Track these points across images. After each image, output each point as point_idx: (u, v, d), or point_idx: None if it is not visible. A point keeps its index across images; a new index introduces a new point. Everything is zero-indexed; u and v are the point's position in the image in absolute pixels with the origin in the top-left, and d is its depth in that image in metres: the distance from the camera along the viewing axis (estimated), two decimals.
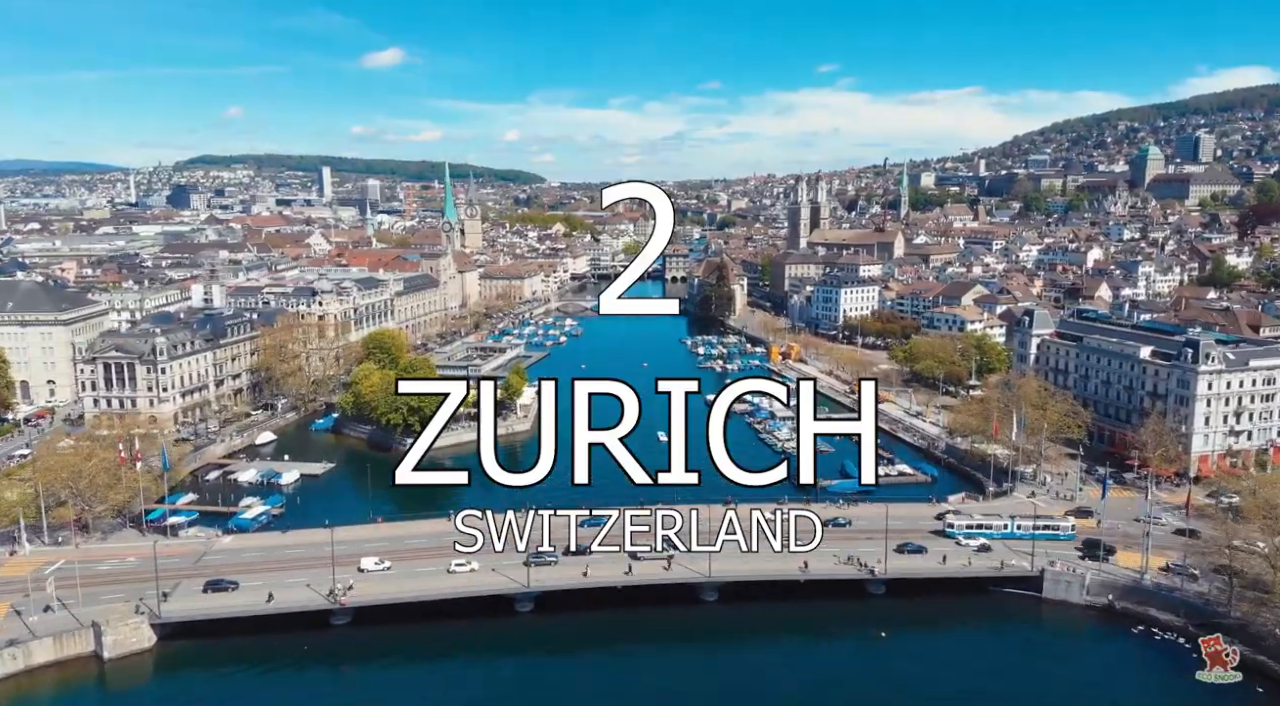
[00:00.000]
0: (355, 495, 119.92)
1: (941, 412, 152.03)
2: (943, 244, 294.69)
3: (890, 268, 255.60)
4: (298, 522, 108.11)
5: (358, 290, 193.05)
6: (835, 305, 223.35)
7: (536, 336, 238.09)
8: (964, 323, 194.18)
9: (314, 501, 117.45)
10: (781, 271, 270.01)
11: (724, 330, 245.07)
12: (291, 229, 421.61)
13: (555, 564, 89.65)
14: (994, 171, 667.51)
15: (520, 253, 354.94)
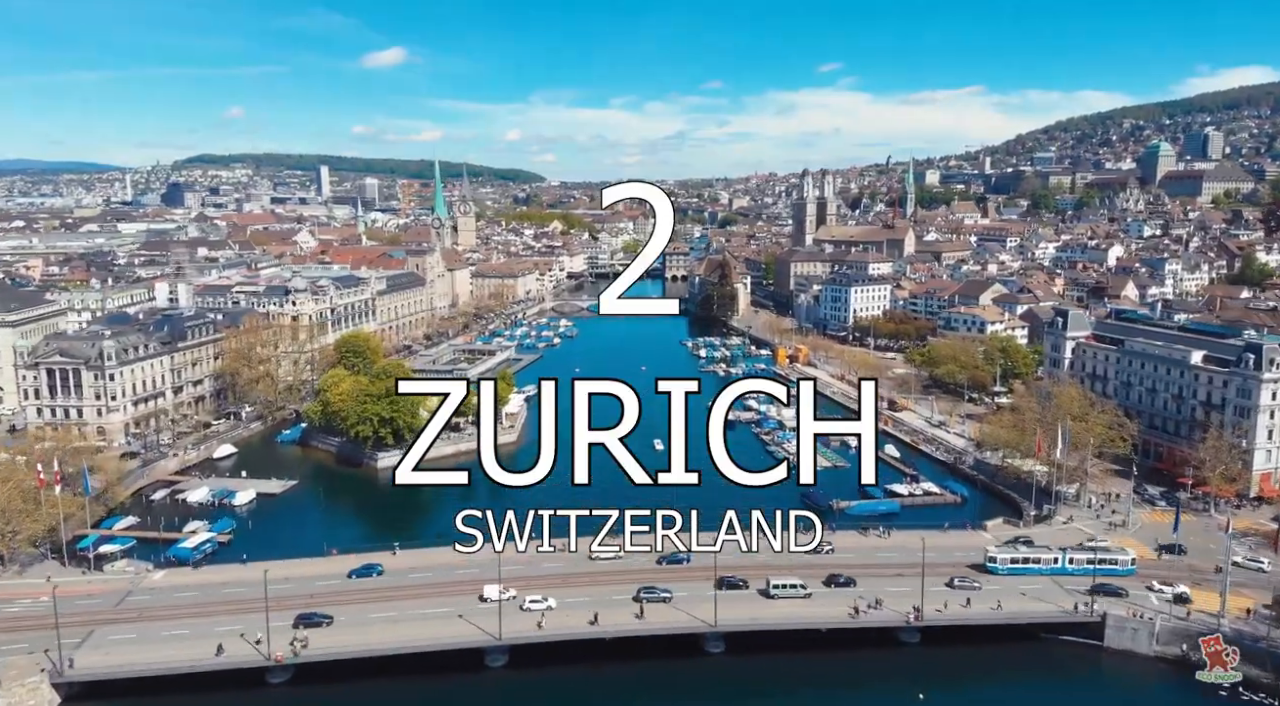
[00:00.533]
0: (316, 519, 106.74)
1: (966, 423, 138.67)
2: (954, 241, 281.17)
3: (901, 265, 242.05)
4: (249, 551, 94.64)
5: (335, 289, 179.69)
6: (845, 305, 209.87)
7: (529, 338, 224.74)
8: (984, 324, 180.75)
9: (269, 526, 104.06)
10: (787, 269, 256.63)
11: (727, 331, 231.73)
12: (282, 226, 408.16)
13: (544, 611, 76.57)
14: (999, 169, 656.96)
15: (515, 251, 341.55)
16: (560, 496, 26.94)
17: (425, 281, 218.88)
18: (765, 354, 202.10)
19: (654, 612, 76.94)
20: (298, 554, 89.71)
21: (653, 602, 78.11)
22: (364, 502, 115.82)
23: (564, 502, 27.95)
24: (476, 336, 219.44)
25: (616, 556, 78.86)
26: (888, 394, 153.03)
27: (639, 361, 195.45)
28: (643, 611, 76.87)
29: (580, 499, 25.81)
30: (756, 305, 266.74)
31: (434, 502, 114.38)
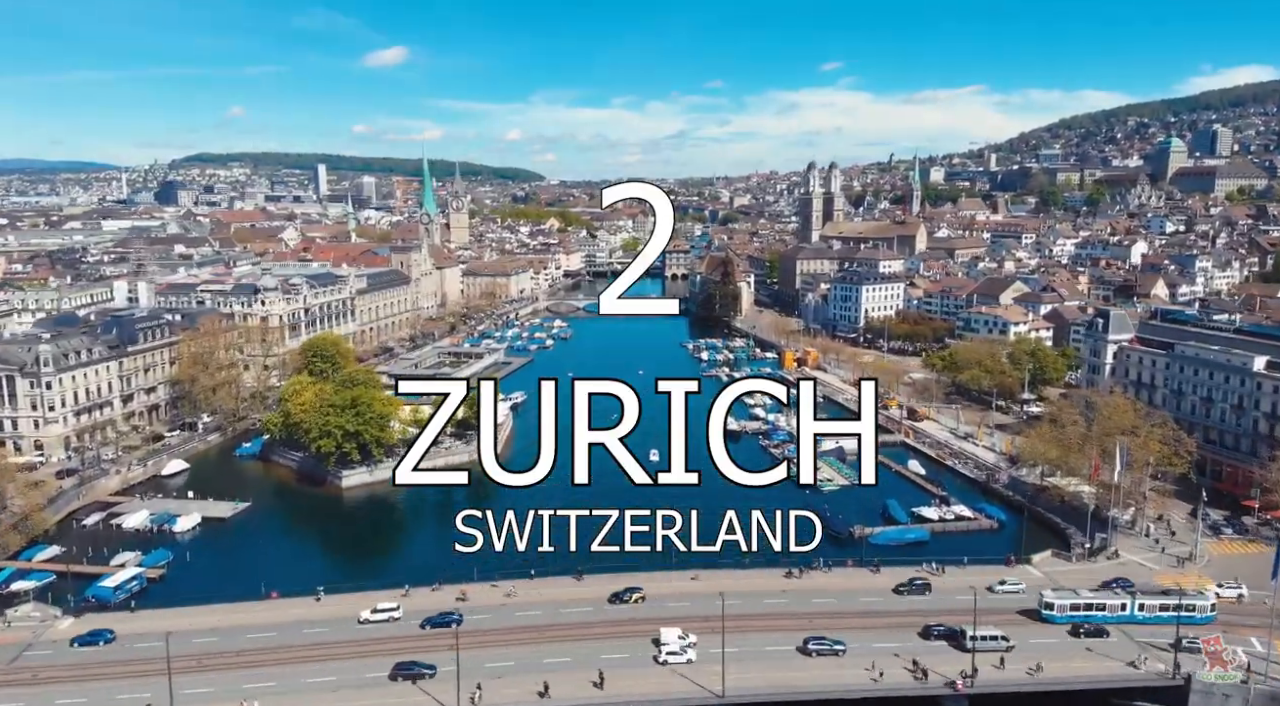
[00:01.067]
0: (265, 550, 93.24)
1: (996, 435, 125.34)
2: (967, 238, 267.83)
3: (914, 263, 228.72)
4: (182, 590, 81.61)
5: (309, 288, 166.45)
6: (855, 304, 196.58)
7: (520, 340, 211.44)
8: (1007, 325, 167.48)
9: (210, 558, 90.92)
10: (792, 267, 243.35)
11: (729, 332, 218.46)
12: (270, 224, 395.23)
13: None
14: (1004, 166, 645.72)
15: (509, 248, 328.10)
16: (557, 498, 25.46)
17: (410, 280, 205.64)
18: (771, 357, 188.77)
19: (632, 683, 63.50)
20: (235, 594, 76.62)
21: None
22: (323, 530, 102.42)
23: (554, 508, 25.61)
24: (464, 338, 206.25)
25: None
26: (907, 402, 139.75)
27: (636, 364, 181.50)
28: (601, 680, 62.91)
29: (580, 499, 24.32)
30: (760, 305, 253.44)
31: (398, 531, 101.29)
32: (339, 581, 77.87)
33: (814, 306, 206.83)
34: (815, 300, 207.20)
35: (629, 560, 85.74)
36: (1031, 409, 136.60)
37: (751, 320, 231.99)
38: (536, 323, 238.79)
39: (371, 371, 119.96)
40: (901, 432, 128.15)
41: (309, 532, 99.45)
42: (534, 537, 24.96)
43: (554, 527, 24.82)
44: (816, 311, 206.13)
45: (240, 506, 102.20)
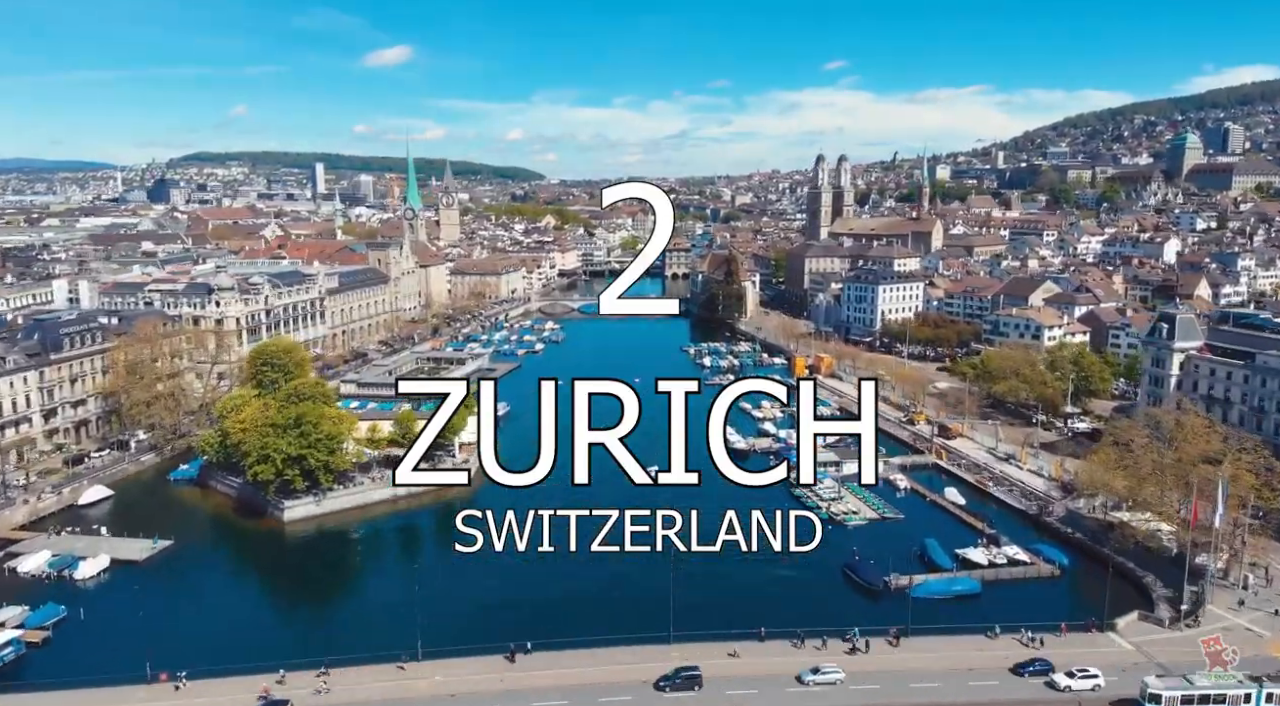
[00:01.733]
0: (175, 606, 76.87)
1: (1042, 456, 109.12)
2: (985, 235, 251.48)
3: (932, 261, 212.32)
4: (67, 660, 65.74)
5: (271, 287, 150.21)
6: (871, 306, 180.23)
7: (508, 343, 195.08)
8: (1039, 328, 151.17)
9: (112, 615, 74.64)
10: (800, 266, 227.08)
11: (733, 336, 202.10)
12: (256, 221, 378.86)
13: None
14: (1011, 164, 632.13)
15: (502, 246, 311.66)
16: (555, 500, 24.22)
17: (388, 279, 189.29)
18: (779, 363, 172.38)
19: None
20: (117, 672, 60.63)
21: None
22: (250, 578, 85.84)
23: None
24: (447, 342, 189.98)
25: None
26: (936, 417, 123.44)
27: (633, 371, 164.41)
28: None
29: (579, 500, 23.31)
30: (766, 306, 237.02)
31: (343, 579, 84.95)
32: (237, 659, 61.58)
33: (825, 308, 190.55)
34: (826, 301, 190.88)
35: (619, 629, 70.40)
36: (1078, 425, 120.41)
37: (757, 322, 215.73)
38: (527, 325, 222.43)
39: (322, 383, 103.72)
40: (933, 453, 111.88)
41: (232, 582, 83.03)
42: (534, 537, 23.80)
43: (554, 528, 23.71)
44: (828, 313, 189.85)
45: (159, 546, 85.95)
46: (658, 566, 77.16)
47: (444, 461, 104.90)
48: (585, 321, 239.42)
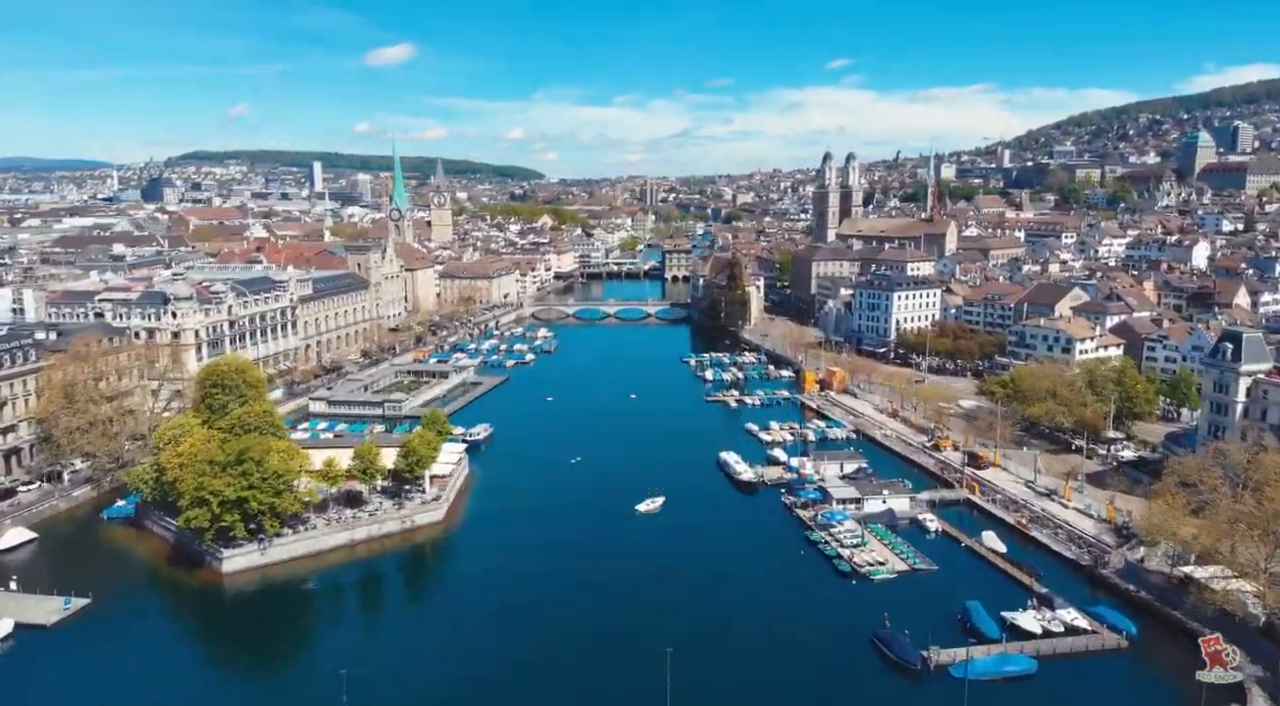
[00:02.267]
0: (93, 682, 64.26)
1: (1085, 489, 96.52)
2: (1000, 236, 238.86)
3: (948, 265, 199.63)
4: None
5: (236, 296, 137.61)
6: (885, 314, 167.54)
7: (497, 353, 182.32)
8: (1070, 341, 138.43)
9: (7, 695, 62.21)
10: (807, 270, 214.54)
11: (737, 345, 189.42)
12: (242, 221, 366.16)
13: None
14: (1018, 163, 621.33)
15: (496, 247, 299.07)
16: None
17: (368, 284, 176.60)
18: (786, 376, 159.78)
19: None
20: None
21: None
22: (186, 647, 72.85)
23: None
24: (432, 352, 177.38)
25: None
26: (965, 443, 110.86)
27: (628, 386, 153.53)
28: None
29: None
30: (771, 312, 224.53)
31: (281, 648, 72.22)
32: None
33: (835, 316, 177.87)
34: (837, 309, 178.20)
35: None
36: (1123, 453, 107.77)
37: (761, 329, 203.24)
38: (519, 332, 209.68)
39: (270, 412, 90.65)
40: (963, 486, 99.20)
41: (154, 652, 70.06)
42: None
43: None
44: (838, 322, 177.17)
45: (73, 606, 73.39)
46: (652, 633, 64.99)
47: (412, 497, 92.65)
48: (581, 328, 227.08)
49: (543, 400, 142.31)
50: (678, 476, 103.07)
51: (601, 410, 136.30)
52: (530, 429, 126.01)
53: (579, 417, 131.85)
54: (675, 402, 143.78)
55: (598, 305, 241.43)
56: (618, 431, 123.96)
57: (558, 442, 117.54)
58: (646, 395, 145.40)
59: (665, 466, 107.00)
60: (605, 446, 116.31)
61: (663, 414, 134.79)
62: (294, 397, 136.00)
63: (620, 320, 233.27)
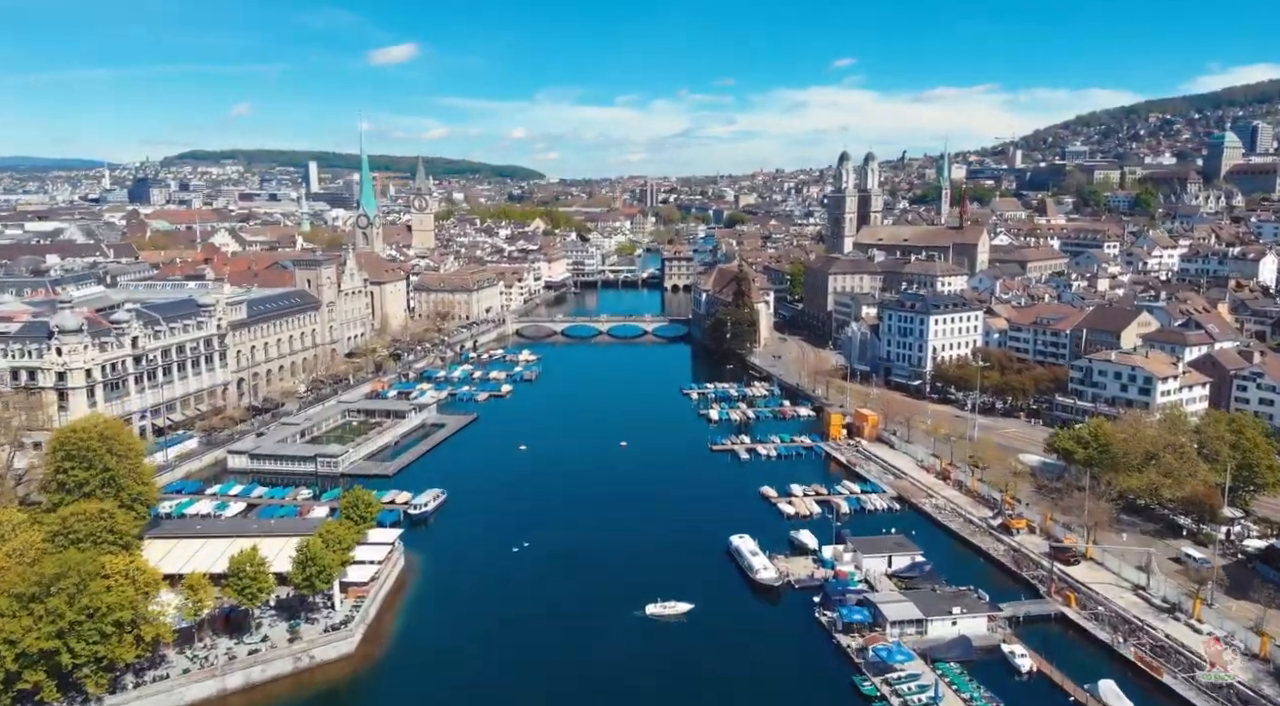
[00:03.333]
0: None
1: (1217, 601, 71.75)
2: (1037, 247, 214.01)
3: (984, 281, 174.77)
4: None
5: (145, 325, 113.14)
6: (919, 341, 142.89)
7: (469, 383, 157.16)
8: (1149, 380, 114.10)
9: None
10: (822, 283, 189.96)
11: (745, 372, 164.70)
12: (217, 224, 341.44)
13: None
14: (1028, 164, 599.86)
15: (482, 254, 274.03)
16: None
17: (319, 304, 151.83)
18: (805, 415, 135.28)
19: None
20: None
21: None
22: None
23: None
24: (393, 382, 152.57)
25: None
26: (1043, 523, 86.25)
27: (617, 429, 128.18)
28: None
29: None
30: (782, 329, 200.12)
31: None
32: None
33: (859, 341, 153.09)
34: (861, 333, 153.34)
35: None
36: (1249, 541, 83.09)
37: (773, 350, 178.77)
38: (498, 355, 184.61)
39: (109, 513, 65.59)
40: (1053, 593, 74.37)
41: None
42: None
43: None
44: (863, 347, 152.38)
45: None
46: None
47: (315, 619, 68.10)
48: (571, 348, 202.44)
49: (514, 449, 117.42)
50: (676, 573, 78.77)
51: (583, 465, 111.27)
52: (493, 494, 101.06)
53: (554, 475, 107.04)
54: (673, 452, 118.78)
55: (589, 322, 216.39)
56: (601, 498, 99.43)
57: (525, 514, 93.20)
58: (639, 441, 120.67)
59: (660, 554, 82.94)
60: (583, 520, 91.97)
61: (658, 471, 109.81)
62: (212, 448, 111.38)
63: (614, 338, 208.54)
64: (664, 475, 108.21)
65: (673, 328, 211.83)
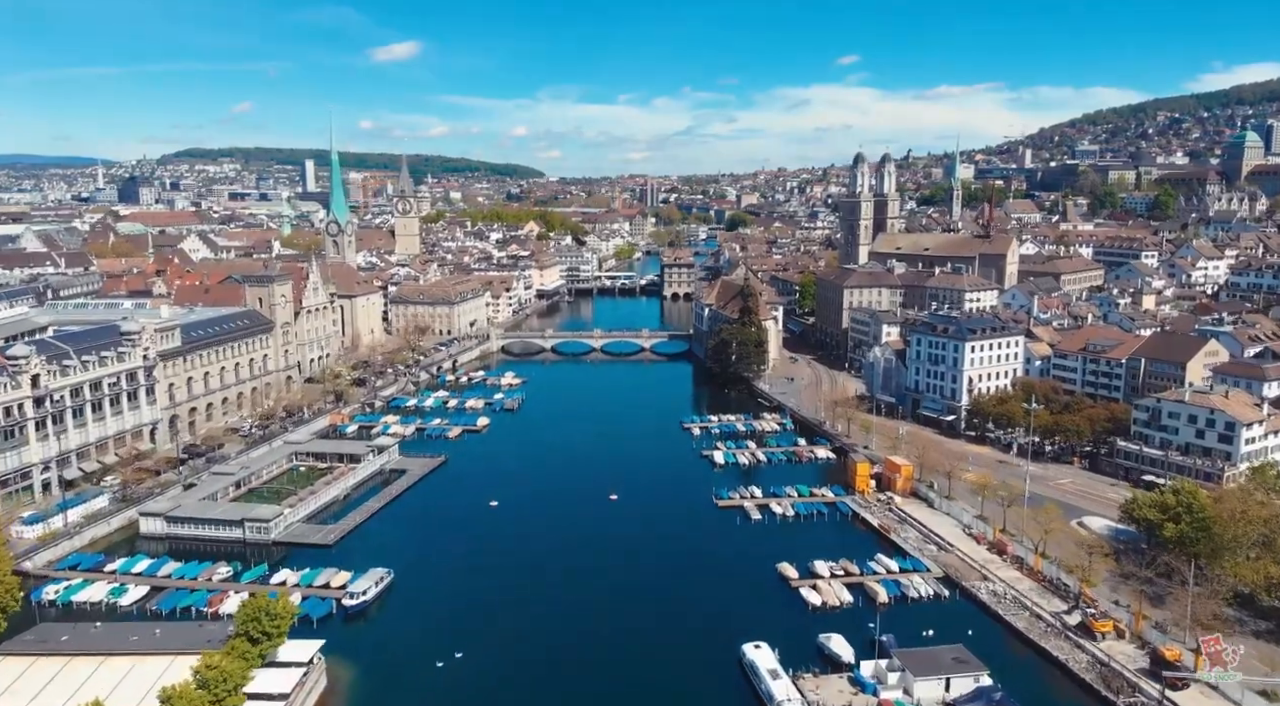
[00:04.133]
0: None
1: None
2: (1070, 257, 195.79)
3: (1018, 298, 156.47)
4: None
5: (50, 360, 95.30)
6: (953, 370, 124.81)
7: (441, 415, 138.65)
8: (1232, 425, 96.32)
9: None
10: (837, 298, 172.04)
11: (753, 400, 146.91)
12: (194, 227, 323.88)
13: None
14: (1038, 163, 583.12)
15: (469, 261, 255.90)
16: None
17: (272, 324, 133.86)
18: (824, 457, 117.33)
19: None
20: None
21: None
22: None
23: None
24: (355, 413, 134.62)
25: None
26: (1134, 625, 68.36)
27: (608, 475, 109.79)
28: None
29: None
30: (791, 347, 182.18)
31: None
32: None
33: (883, 368, 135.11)
34: (885, 359, 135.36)
35: None
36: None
37: (783, 371, 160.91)
38: (479, 377, 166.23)
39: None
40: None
41: None
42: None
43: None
44: (887, 376, 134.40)
45: None
46: None
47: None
48: (560, 366, 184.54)
49: (485, 505, 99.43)
50: (674, 700, 61.08)
51: (564, 528, 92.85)
52: (453, 572, 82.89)
53: (529, 543, 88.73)
54: (672, 509, 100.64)
55: (582, 337, 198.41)
56: (582, 577, 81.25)
57: (489, 602, 75.47)
58: (632, 493, 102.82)
59: (652, 669, 65.19)
60: (556, 614, 74.01)
61: (654, 537, 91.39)
62: (127, 507, 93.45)
63: (609, 356, 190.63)
64: (661, 543, 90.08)
65: (672, 344, 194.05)
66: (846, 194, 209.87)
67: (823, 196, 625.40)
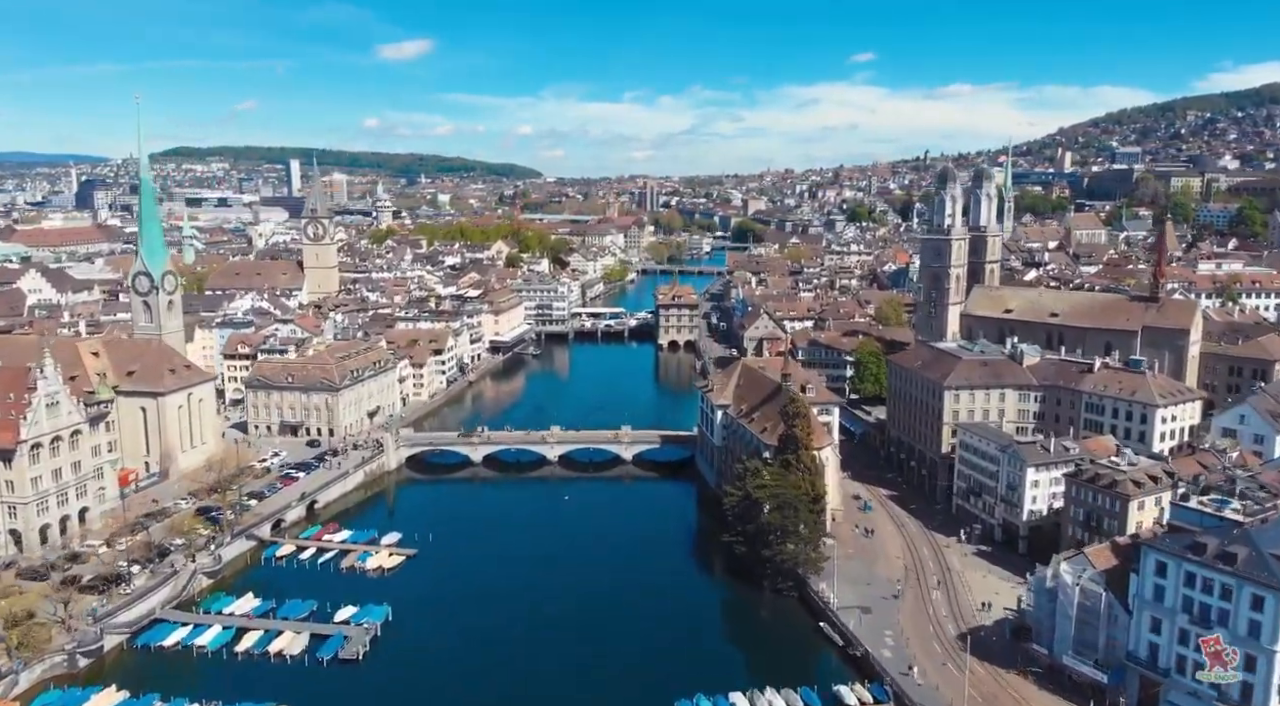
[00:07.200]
0: None
1: None
2: (1257, 321, 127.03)
3: (1259, 421, 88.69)
4: None
5: None
6: (1247, 639, 57.41)
7: (215, 661, 71.20)
8: None
9: None
10: (926, 399, 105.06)
11: (809, 618, 79.66)
12: (98, 246, 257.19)
13: None
14: (1079, 168, 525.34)
15: (399, 303, 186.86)
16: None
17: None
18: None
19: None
20: None
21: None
22: None
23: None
24: (45, 674, 67.35)
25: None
26: None
27: None
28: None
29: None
30: (849, 466, 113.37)
31: None
32: None
33: (1075, 606, 66.80)
34: (1079, 596, 66.83)
35: None
36: None
37: (846, 533, 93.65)
38: (337, 541, 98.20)
39: None
40: None
41: None
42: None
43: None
44: (1081, 623, 66.20)
45: None
46: None
47: None
48: (493, 494, 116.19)
49: None
50: None
51: None
52: None
53: None
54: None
55: (530, 442, 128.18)
56: None
57: None
58: None
59: None
60: None
61: None
62: None
63: (571, 471, 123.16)
64: None
65: (667, 450, 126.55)
66: (926, 226, 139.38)
67: (836, 201, 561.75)
